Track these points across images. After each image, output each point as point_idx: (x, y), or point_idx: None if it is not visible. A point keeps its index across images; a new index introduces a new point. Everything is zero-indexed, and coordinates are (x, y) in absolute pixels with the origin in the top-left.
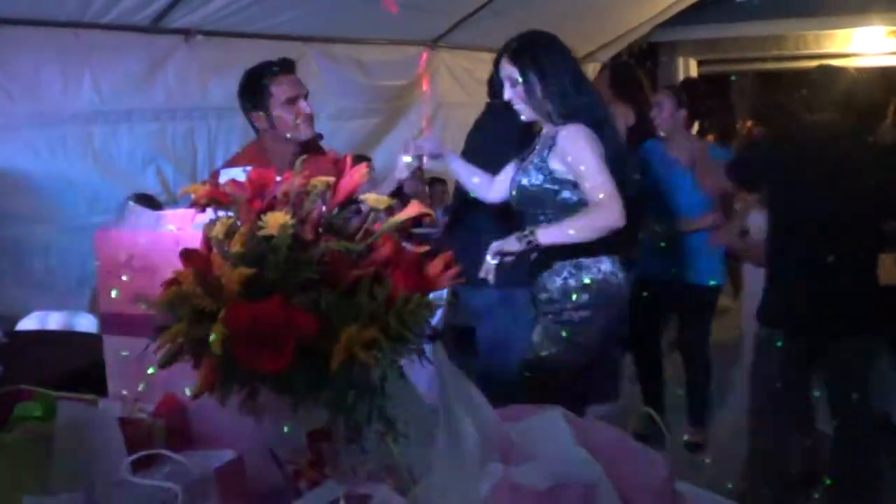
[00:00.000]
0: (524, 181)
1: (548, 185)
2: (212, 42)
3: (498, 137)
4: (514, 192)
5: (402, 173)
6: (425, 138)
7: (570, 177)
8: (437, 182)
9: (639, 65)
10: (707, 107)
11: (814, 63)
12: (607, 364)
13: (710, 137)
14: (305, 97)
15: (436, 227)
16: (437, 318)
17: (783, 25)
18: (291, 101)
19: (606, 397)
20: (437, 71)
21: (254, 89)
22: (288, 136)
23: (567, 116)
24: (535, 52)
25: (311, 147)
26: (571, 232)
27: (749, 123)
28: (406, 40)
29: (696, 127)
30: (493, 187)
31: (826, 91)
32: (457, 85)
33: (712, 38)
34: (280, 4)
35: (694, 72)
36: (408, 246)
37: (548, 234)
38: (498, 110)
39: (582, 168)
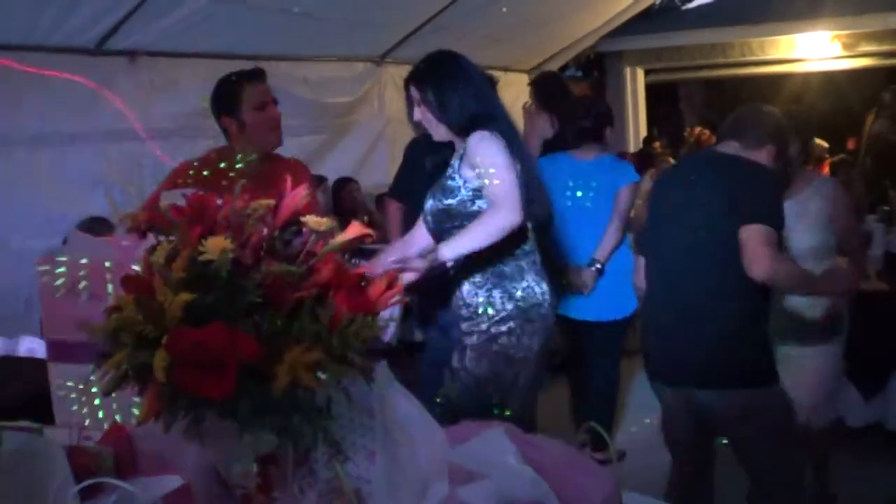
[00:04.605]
0: (438, 201)
1: (462, 196)
2: (157, 63)
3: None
4: (428, 218)
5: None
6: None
7: (479, 183)
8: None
9: (586, 75)
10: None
11: (759, 69)
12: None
13: (658, 145)
14: (275, 103)
15: (386, 244)
16: (389, 335)
17: (728, 33)
18: (261, 107)
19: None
20: (386, 87)
21: (226, 94)
22: (258, 140)
23: (472, 126)
24: (434, 70)
25: (273, 155)
26: (473, 240)
27: (697, 130)
28: (353, 56)
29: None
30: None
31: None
32: (404, 101)
33: (658, 48)
34: (224, 24)
35: (641, 81)
36: (359, 262)
37: (451, 249)
38: (420, 146)
39: (489, 166)
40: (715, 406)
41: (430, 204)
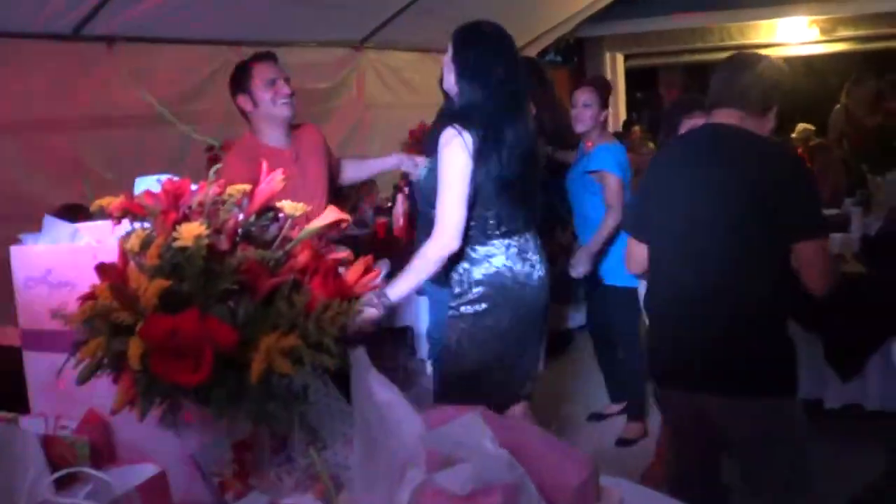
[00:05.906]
0: (421, 179)
1: (436, 186)
2: (135, 48)
3: None
4: (416, 186)
5: None
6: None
7: None
8: (365, 182)
9: (566, 61)
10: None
11: None
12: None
13: (638, 130)
14: (286, 80)
15: (366, 229)
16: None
17: (707, 18)
18: (271, 83)
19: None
20: (365, 72)
21: (239, 75)
22: (269, 113)
23: (463, 106)
24: (463, 34)
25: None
26: (415, 276)
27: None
28: (332, 42)
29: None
30: None
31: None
32: (384, 86)
33: (638, 32)
34: (202, 10)
35: (620, 66)
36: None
37: (395, 291)
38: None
39: (442, 177)
40: (730, 415)
41: (420, 177)
